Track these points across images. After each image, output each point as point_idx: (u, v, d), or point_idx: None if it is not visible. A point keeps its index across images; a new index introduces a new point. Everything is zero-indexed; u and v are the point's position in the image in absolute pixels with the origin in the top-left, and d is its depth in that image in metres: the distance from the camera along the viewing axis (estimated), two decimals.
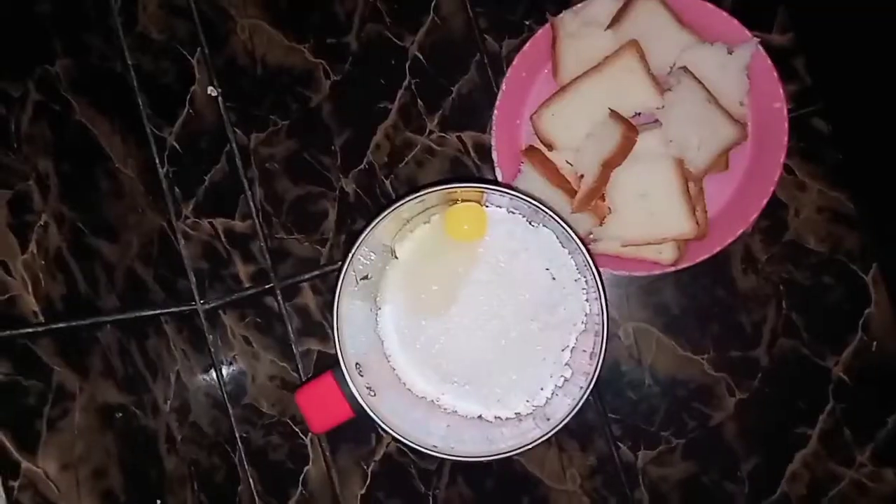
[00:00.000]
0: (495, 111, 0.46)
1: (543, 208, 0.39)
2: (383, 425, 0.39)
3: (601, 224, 0.44)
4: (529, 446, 0.38)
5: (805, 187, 0.47)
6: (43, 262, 0.40)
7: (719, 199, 0.46)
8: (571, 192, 0.44)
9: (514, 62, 0.45)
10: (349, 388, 0.39)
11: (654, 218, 0.43)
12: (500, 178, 0.46)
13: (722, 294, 0.48)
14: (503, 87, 0.45)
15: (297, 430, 0.50)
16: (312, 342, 0.50)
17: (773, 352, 0.47)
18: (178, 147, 0.51)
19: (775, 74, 0.43)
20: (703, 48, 0.43)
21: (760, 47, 0.43)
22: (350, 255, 0.39)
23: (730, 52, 0.43)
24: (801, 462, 0.47)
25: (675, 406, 0.48)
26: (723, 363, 0.47)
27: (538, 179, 0.44)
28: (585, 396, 0.37)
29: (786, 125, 0.43)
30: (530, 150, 0.45)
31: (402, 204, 0.39)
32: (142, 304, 0.47)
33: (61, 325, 0.40)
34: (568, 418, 0.37)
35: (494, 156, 0.46)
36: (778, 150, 0.43)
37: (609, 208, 0.44)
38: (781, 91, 0.43)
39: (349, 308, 0.41)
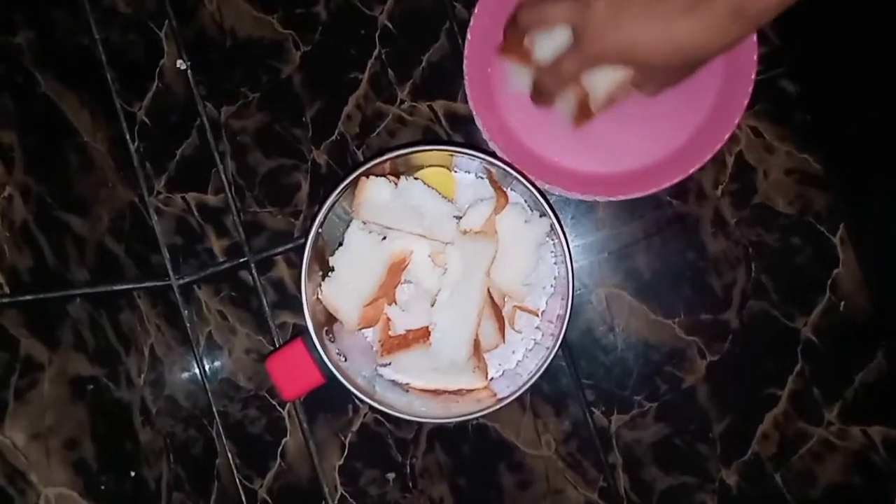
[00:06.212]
0: (465, 62, 0.45)
1: (512, 171, 0.39)
2: (353, 389, 0.39)
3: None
4: (497, 406, 0.38)
5: (773, 149, 0.47)
6: (8, 234, 0.40)
7: (691, 123, 0.46)
8: None
9: (476, 10, 0.45)
10: (319, 354, 0.39)
11: None
12: (480, 128, 0.45)
13: (692, 258, 0.48)
14: (468, 36, 0.45)
15: (274, 403, 0.51)
16: (288, 315, 0.50)
17: (743, 314, 0.47)
18: (147, 122, 0.51)
19: None
20: None
21: None
22: (318, 219, 0.39)
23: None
24: (771, 422, 0.47)
25: (648, 370, 0.48)
26: (694, 326, 0.48)
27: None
28: (551, 357, 0.37)
29: (755, 56, 0.43)
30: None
31: (370, 167, 0.39)
32: (113, 279, 0.47)
33: (28, 297, 0.40)
34: (533, 379, 0.37)
35: (472, 105, 0.45)
36: (749, 67, 0.43)
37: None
38: None
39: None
